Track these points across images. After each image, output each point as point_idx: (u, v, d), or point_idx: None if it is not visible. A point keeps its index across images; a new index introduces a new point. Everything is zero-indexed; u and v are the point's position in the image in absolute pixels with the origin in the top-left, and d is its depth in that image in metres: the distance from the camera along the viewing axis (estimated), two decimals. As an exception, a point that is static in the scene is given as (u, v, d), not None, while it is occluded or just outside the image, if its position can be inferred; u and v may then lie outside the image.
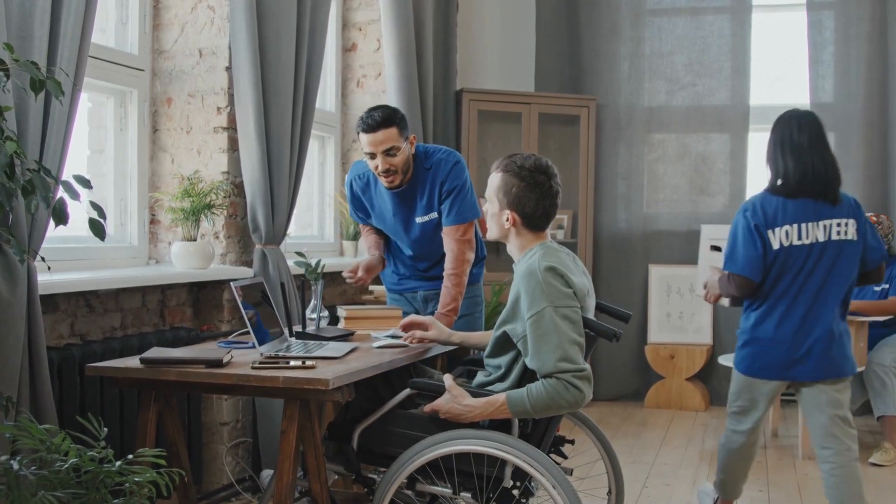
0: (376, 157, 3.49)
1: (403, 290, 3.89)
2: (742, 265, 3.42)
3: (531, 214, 2.74)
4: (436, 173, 3.62)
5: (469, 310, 3.77)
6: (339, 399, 2.53)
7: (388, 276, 3.94)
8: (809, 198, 3.42)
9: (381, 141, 3.45)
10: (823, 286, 3.41)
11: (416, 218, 3.67)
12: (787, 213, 3.41)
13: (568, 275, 2.63)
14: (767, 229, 3.41)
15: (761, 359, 3.48)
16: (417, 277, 3.87)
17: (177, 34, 3.98)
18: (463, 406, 2.64)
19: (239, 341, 3.18)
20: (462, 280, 3.58)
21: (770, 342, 3.45)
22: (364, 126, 3.47)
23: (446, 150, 3.72)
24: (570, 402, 2.55)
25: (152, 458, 1.77)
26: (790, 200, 3.43)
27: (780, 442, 5.41)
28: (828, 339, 3.41)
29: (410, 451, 2.66)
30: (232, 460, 3.95)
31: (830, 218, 3.41)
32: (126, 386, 2.75)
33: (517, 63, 6.73)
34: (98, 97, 3.85)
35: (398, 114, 3.53)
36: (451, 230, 3.60)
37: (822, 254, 3.40)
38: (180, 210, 3.71)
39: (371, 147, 3.47)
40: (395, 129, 3.47)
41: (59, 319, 3.18)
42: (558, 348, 2.54)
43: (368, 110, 3.51)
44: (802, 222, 3.41)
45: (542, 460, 2.57)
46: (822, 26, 6.39)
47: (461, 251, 3.58)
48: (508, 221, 2.75)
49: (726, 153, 6.59)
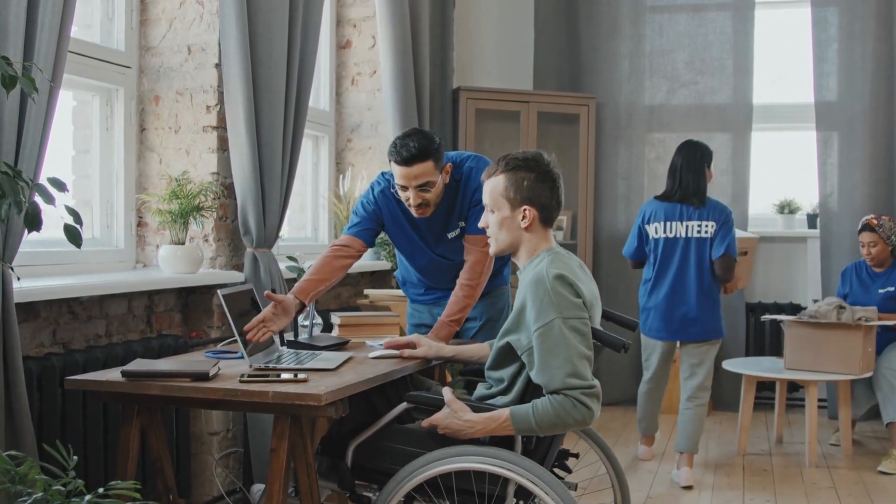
0: (408, 190, 3.24)
1: (432, 301, 3.63)
2: (626, 250, 4.92)
3: (547, 206, 2.60)
4: (467, 182, 3.37)
5: (496, 315, 3.59)
6: (333, 415, 2.39)
7: (411, 290, 3.70)
8: (678, 202, 4.70)
9: (416, 175, 3.18)
10: (686, 270, 4.66)
11: (449, 234, 3.43)
12: (658, 214, 4.73)
13: (577, 283, 2.50)
14: (646, 224, 4.76)
15: (648, 323, 4.81)
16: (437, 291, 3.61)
17: (165, 30, 3.84)
18: (463, 421, 2.51)
19: (228, 350, 3.05)
20: (476, 293, 3.37)
21: (653, 310, 4.78)
22: (398, 157, 3.17)
23: (475, 156, 3.47)
24: (577, 420, 2.41)
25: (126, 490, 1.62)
26: (663, 204, 4.75)
27: (785, 449, 5.29)
28: (691, 312, 4.66)
29: (408, 468, 2.52)
30: (222, 472, 3.81)
31: (693, 220, 4.66)
32: (108, 399, 2.62)
33: (515, 61, 6.60)
34: (83, 95, 3.71)
35: (434, 143, 3.20)
36: (476, 239, 3.31)
37: (687, 246, 4.66)
38: (168, 212, 3.57)
39: (404, 181, 3.20)
40: (431, 163, 3.18)
41: (41, 327, 3.04)
42: (567, 363, 2.41)
43: (403, 137, 3.21)
44: (669, 221, 4.70)
45: (547, 479, 2.43)
46: (827, 23, 6.26)
47: (482, 262, 3.34)
48: (526, 220, 2.60)
49: (728, 153, 6.47)
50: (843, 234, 6.23)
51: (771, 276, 6.59)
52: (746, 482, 4.60)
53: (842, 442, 5.19)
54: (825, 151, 6.30)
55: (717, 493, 4.42)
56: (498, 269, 3.57)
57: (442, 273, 3.52)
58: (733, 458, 5.07)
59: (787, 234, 6.56)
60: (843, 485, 4.56)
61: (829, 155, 6.30)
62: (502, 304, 3.63)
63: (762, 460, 5.03)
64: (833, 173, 6.30)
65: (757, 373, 5.14)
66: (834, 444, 5.37)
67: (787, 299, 6.49)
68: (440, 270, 3.52)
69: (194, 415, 3.66)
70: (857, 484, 4.57)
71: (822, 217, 6.32)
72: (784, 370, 5.12)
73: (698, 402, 4.71)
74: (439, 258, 3.49)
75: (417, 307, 3.70)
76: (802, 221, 6.57)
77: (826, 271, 6.26)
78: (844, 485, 4.56)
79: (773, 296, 6.54)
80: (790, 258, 6.56)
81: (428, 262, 3.52)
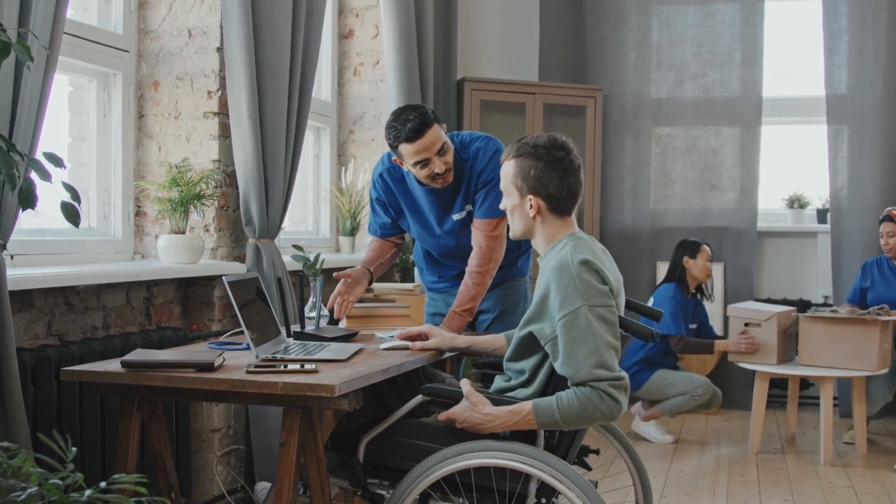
0: (430, 163, 3.14)
1: (447, 288, 3.52)
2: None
3: (556, 195, 2.46)
4: (474, 163, 3.27)
5: (512, 307, 3.46)
6: (346, 407, 2.25)
7: (427, 277, 3.60)
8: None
9: (432, 142, 3.11)
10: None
11: (454, 215, 3.33)
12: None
13: (603, 270, 2.36)
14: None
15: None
16: (449, 279, 3.51)
17: (164, 12, 3.71)
18: (483, 415, 2.37)
19: (231, 342, 2.92)
20: (486, 280, 3.25)
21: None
22: (407, 134, 3.09)
23: (484, 136, 3.35)
24: (604, 413, 2.27)
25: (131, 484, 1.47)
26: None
27: (799, 448, 5.16)
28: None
29: (424, 464, 2.39)
30: (223, 469, 3.68)
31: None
32: (106, 392, 2.47)
33: (520, 51, 6.47)
34: (80, 80, 3.57)
35: (428, 109, 3.19)
36: (483, 223, 3.23)
37: None
38: (168, 201, 3.44)
39: (423, 154, 3.12)
40: (437, 126, 3.13)
41: (35, 318, 2.90)
42: (594, 353, 2.27)
43: (396, 118, 3.15)
44: None
45: (571, 475, 2.30)
46: (838, 14, 6.15)
47: (490, 248, 3.23)
48: (532, 209, 2.47)
49: (737, 147, 6.35)
50: (854, 229, 6.11)
51: (780, 271, 6.46)
52: (762, 481, 4.47)
53: (856, 440, 5.07)
54: (836, 145, 6.18)
55: (732, 491, 4.29)
56: (513, 260, 3.44)
57: (451, 257, 3.42)
58: (746, 457, 4.94)
59: (796, 228, 6.44)
60: (861, 484, 4.43)
61: (839, 148, 6.18)
62: (518, 296, 3.50)
63: (776, 459, 4.91)
64: (843, 167, 6.18)
65: (770, 369, 5.01)
66: (847, 442, 5.25)
67: (797, 295, 6.36)
68: (448, 254, 3.42)
69: (194, 410, 3.53)
70: (875, 483, 4.45)
71: (833, 212, 6.20)
72: (798, 366, 5.00)
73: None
74: (446, 240, 3.38)
75: (433, 296, 3.60)
76: (812, 216, 6.44)
77: (837, 267, 6.14)
78: (862, 484, 4.43)
79: (783, 292, 6.41)
80: (800, 253, 6.44)
81: (434, 244, 3.43)
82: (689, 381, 5.19)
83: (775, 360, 4.99)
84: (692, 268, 5.37)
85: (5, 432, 2.30)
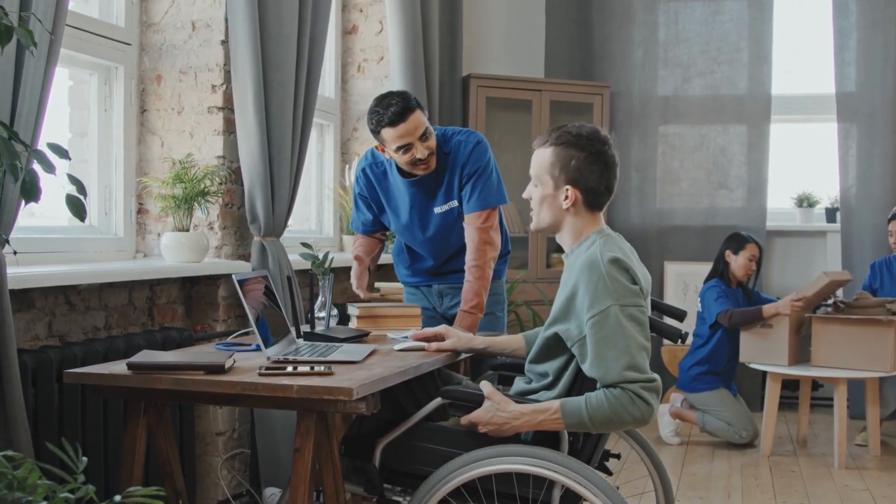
0: (412, 147, 3.17)
1: (418, 283, 3.57)
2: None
3: (595, 189, 2.36)
4: (456, 157, 3.29)
5: (489, 308, 3.42)
6: (364, 410, 2.15)
7: (401, 270, 3.61)
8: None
9: (415, 127, 3.15)
10: None
11: (435, 208, 3.34)
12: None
13: (633, 269, 2.27)
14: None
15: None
16: (431, 274, 3.53)
17: (167, 5, 3.61)
18: (507, 413, 2.27)
19: (238, 343, 2.82)
20: (486, 273, 3.23)
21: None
22: (389, 119, 3.13)
23: (466, 130, 3.39)
24: (636, 417, 2.18)
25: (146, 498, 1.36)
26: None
27: (811, 451, 5.07)
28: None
29: (443, 469, 2.29)
30: (228, 474, 3.58)
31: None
32: (112, 395, 2.38)
33: (526, 48, 6.37)
34: (80, 74, 3.48)
35: (409, 94, 3.23)
36: (473, 217, 3.27)
37: None
38: (171, 198, 3.34)
39: (406, 138, 3.15)
40: (419, 111, 3.18)
41: (35, 318, 2.80)
42: (625, 354, 2.18)
43: (378, 104, 3.18)
44: None
45: (597, 482, 2.21)
46: (848, 10, 6.06)
47: (483, 240, 3.24)
48: (568, 200, 2.37)
49: (745, 145, 6.26)
50: (863, 228, 6.03)
51: (789, 271, 6.37)
52: (776, 484, 4.38)
53: (870, 442, 4.98)
54: (846, 143, 6.09)
55: (746, 494, 4.20)
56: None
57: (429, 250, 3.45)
58: (758, 459, 4.85)
59: (805, 227, 6.35)
60: (878, 487, 4.34)
61: (849, 147, 6.10)
62: (497, 296, 3.51)
63: (788, 461, 4.82)
64: (853, 165, 6.10)
65: (783, 370, 4.92)
66: (860, 444, 5.16)
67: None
68: (427, 247, 3.45)
69: (199, 413, 3.43)
70: (891, 486, 4.36)
71: (843, 211, 6.11)
72: (811, 367, 4.91)
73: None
74: (426, 233, 3.40)
75: (410, 290, 3.63)
76: (821, 215, 6.35)
77: (847, 266, 6.05)
78: (878, 487, 4.34)
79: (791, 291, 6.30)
80: (809, 253, 6.35)
81: (413, 238, 3.46)
82: (742, 417, 5.02)
83: (787, 362, 4.90)
84: (732, 263, 5.17)
85: (6, 438, 2.20)
